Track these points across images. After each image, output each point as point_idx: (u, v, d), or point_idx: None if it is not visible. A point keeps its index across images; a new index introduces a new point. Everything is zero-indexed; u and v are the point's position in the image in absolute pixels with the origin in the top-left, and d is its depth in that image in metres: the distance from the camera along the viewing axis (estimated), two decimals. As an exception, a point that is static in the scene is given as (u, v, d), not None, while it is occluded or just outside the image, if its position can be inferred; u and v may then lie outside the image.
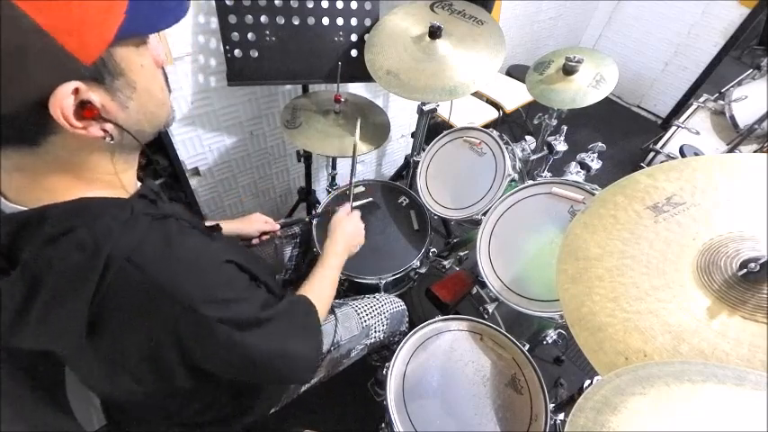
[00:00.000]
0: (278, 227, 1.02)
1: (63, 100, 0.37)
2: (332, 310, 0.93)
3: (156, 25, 0.43)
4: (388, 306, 0.99)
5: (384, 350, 1.08)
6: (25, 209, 0.43)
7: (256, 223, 0.99)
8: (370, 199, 1.25)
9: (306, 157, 1.43)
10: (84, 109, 0.40)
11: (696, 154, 1.85)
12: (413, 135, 1.49)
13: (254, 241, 1.01)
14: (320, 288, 0.76)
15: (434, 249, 1.22)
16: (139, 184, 0.55)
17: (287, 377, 0.66)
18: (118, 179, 0.50)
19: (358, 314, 0.94)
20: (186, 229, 0.53)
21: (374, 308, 0.97)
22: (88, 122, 0.41)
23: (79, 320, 0.43)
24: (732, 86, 2.04)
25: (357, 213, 0.96)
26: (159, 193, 0.58)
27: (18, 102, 0.37)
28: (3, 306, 0.43)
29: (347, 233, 0.89)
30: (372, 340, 0.95)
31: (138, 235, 0.45)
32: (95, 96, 0.40)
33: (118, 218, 0.45)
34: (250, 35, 1.03)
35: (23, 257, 0.42)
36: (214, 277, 0.52)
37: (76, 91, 0.38)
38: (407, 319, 1.05)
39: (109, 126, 0.43)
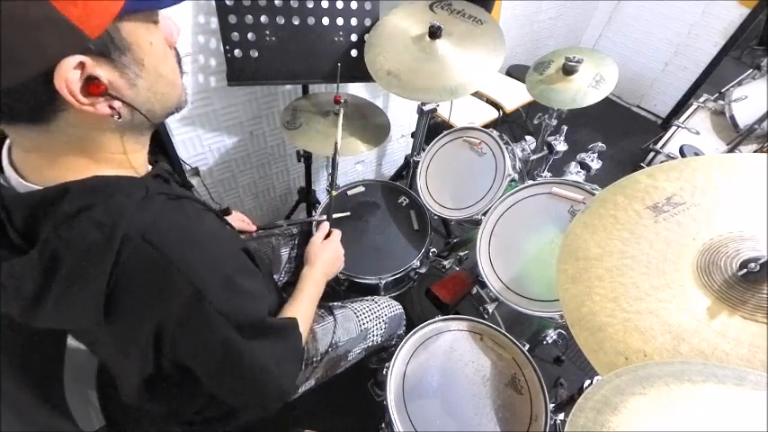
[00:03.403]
0: (254, 228, 0.98)
1: (67, 73, 0.37)
2: (331, 312, 0.93)
3: (162, 1, 0.43)
4: (387, 309, 0.99)
5: (382, 352, 1.08)
6: (41, 188, 0.43)
7: (233, 221, 0.96)
8: (347, 213, 1.22)
9: (306, 158, 1.43)
10: (91, 85, 0.39)
11: (696, 154, 1.85)
12: (413, 135, 1.49)
13: None
14: (301, 318, 0.71)
15: (434, 249, 1.22)
16: (150, 166, 0.55)
17: (259, 399, 0.62)
18: (127, 159, 0.49)
19: (357, 316, 0.93)
20: (201, 210, 0.53)
21: (372, 311, 0.96)
22: (95, 99, 0.41)
23: (97, 299, 0.43)
24: (732, 86, 2.03)
25: (337, 236, 0.90)
26: (173, 173, 0.57)
27: (23, 75, 0.36)
28: (22, 285, 0.43)
29: (325, 263, 0.84)
30: (370, 343, 0.95)
31: (153, 213, 0.45)
32: (102, 72, 0.40)
33: (132, 196, 0.45)
34: (250, 35, 1.03)
35: (41, 236, 0.42)
36: (229, 261, 0.51)
37: (82, 66, 0.38)
38: (405, 323, 1.04)
39: (117, 104, 0.43)
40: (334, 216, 1.15)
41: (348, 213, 1.22)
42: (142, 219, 0.44)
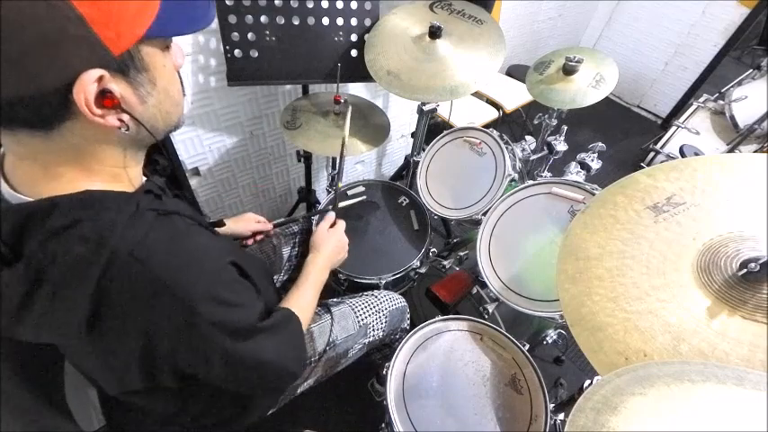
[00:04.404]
0: (270, 226, 1.00)
1: (87, 86, 0.39)
2: (328, 309, 0.92)
3: (183, 29, 0.46)
4: (387, 303, 0.98)
5: (386, 348, 1.07)
6: (31, 200, 0.44)
7: (249, 223, 0.98)
8: (363, 197, 1.22)
9: (306, 158, 1.43)
10: (105, 98, 0.41)
11: (696, 154, 1.85)
12: (413, 135, 1.49)
13: (248, 242, 1.00)
14: (304, 303, 0.74)
15: (434, 249, 1.22)
16: (144, 179, 0.56)
17: (269, 386, 0.66)
18: (125, 173, 0.50)
19: (355, 312, 0.93)
20: (192, 226, 0.53)
21: (372, 306, 0.96)
22: (106, 111, 0.42)
23: (80, 314, 0.43)
24: (732, 86, 2.04)
25: (341, 226, 0.92)
26: (164, 188, 0.58)
27: (47, 82, 0.38)
28: (6, 297, 0.43)
29: (330, 250, 0.86)
30: (371, 339, 0.94)
31: (142, 230, 0.45)
32: (117, 87, 0.42)
33: (123, 212, 0.45)
34: (250, 35, 1.03)
35: (28, 249, 0.42)
36: (218, 276, 0.52)
37: (100, 79, 0.40)
38: (409, 316, 1.04)
39: (125, 117, 0.44)
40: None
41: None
42: (131, 235, 0.44)
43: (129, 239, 0.44)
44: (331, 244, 0.87)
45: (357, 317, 0.93)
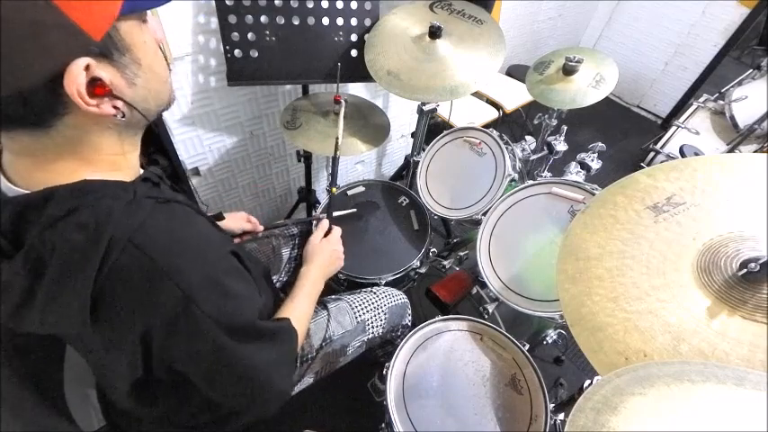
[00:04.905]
0: (261, 228, 0.98)
1: (77, 77, 0.38)
2: (325, 306, 0.92)
3: (156, 0, 0.44)
4: (387, 300, 0.97)
5: (388, 345, 1.06)
6: (29, 192, 0.43)
7: (240, 221, 0.96)
8: (354, 210, 1.20)
9: (306, 158, 1.43)
10: (96, 86, 0.40)
11: (696, 154, 1.85)
12: (413, 135, 1.49)
13: (235, 240, 0.98)
14: (299, 314, 0.72)
15: (434, 249, 1.23)
16: (141, 170, 0.55)
17: (256, 401, 0.60)
18: (125, 160, 0.50)
19: (352, 309, 0.92)
20: (191, 214, 0.53)
21: (370, 302, 0.95)
22: (100, 100, 0.41)
23: (83, 302, 0.43)
24: (732, 86, 2.04)
25: (337, 233, 0.90)
26: (162, 177, 0.57)
27: (33, 80, 0.37)
28: (8, 289, 0.43)
29: (323, 261, 0.84)
30: (370, 336, 0.94)
31: (140, 217, 0.45)
32: (105, 73, 0.41)
33: (120, 199, 0.45)
34: (250, 35, 1.03)
35: (27, 240, 0.42)
36: (216, 265, 0.51)
37: (87, 67, 0.39)
38: (410, 312, 1.02)
39: (119, 103, 0.44)
40: (341, 213, 1.14)
41: (354, 210, 1.22)
42: (129, 222, 0.44)
43: (127, 226, 0.43)
44: (325, 255, 0.85)
45: (354, 313, 0.92)
